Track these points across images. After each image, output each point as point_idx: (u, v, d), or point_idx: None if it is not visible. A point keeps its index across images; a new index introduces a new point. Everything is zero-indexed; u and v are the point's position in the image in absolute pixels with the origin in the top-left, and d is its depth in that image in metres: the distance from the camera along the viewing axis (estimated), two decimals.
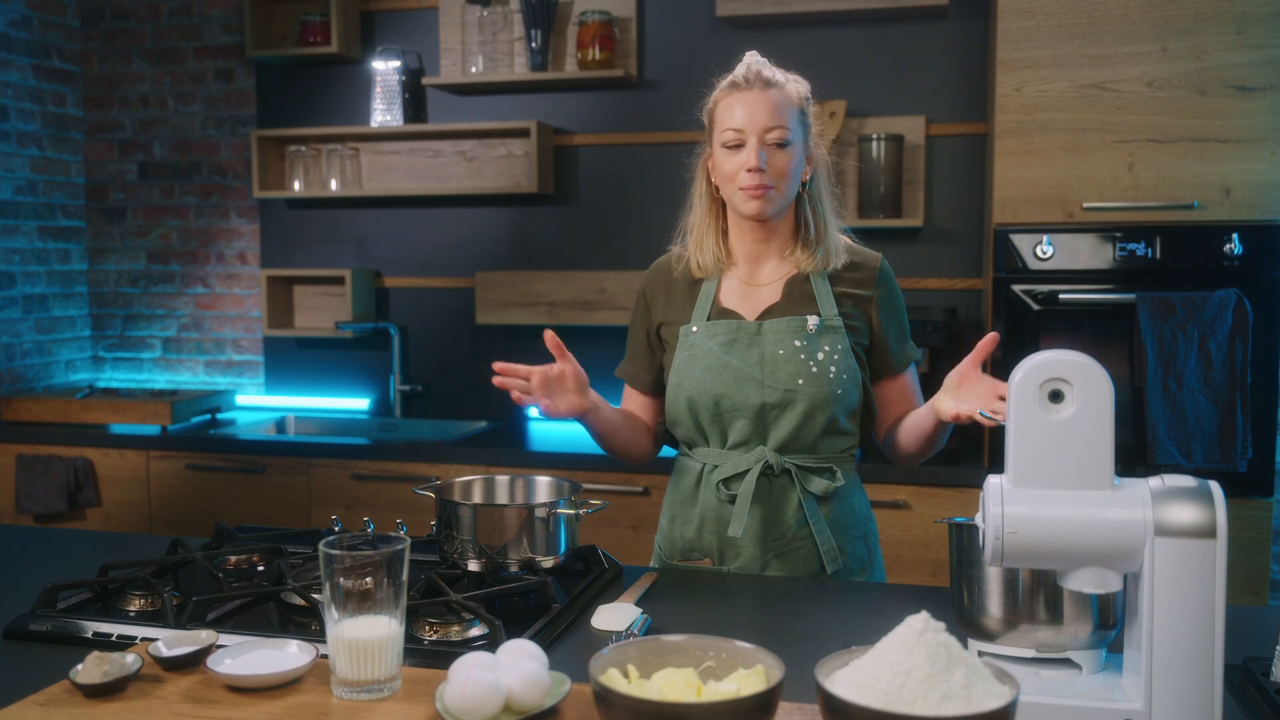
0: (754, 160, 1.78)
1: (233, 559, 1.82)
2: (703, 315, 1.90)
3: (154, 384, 4.29)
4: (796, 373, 1.82)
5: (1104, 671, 1.37)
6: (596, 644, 1.48)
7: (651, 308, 1.97)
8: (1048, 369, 1.25)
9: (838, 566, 1.85)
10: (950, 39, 3.46)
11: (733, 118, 1.81)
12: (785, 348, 1.83)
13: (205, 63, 4.14)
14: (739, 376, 1.83)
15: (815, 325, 1.84)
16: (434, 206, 3.95)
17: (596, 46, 3.61)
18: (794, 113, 1.82)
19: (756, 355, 1.84)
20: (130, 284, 4.30)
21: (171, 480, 3.54)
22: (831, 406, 1.83)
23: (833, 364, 1.82)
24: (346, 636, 1.11)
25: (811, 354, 1.82)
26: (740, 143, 1.80)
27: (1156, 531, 1.21)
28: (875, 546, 1.95)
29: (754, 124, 1.79)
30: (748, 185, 1.80)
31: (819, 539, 1.85)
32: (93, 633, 1.49)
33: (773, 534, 1.85)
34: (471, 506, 1.69)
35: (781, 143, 1.80)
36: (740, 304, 1.90)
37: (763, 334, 1.85)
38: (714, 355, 1.85)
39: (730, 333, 1.86)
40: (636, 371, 2.01)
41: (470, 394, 3.94)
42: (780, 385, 1.82)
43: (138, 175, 4.26)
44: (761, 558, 1.86)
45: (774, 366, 1.83)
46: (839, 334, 1.85)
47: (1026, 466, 1.25)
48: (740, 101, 1.81)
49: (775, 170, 1.80)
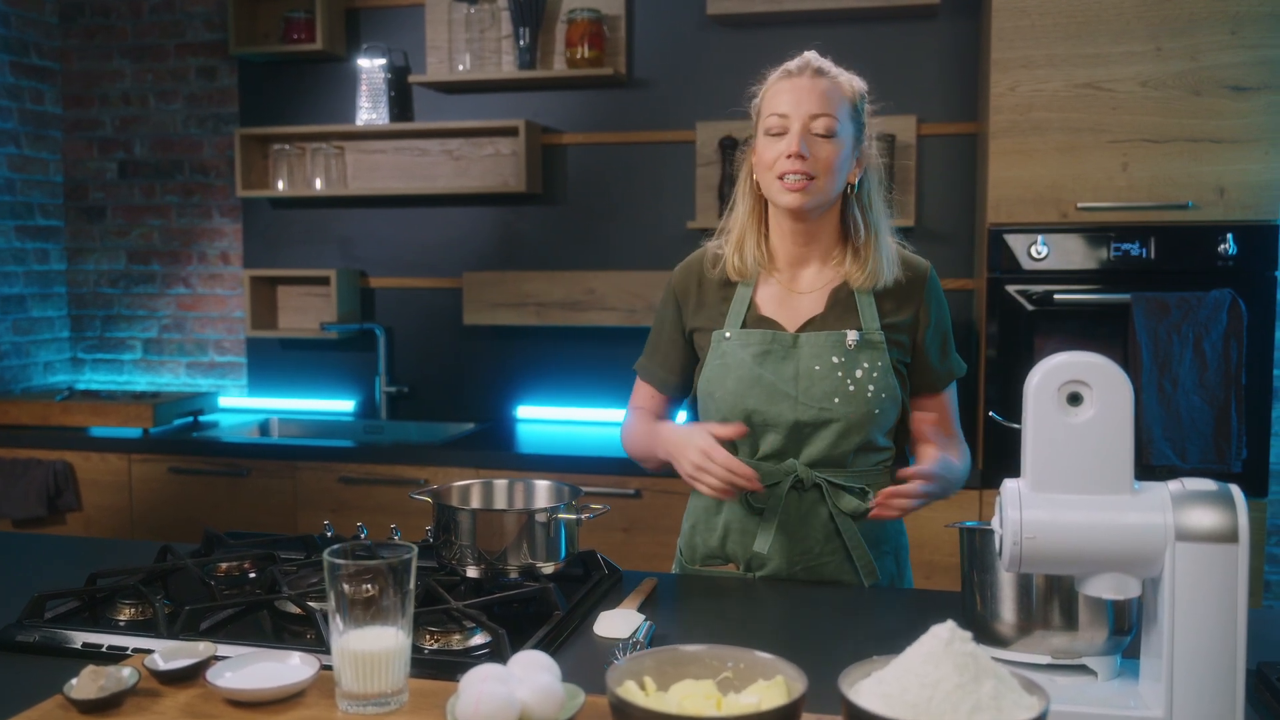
0: (795, 145, 1.68)
1: (223, 566, 1.78)
2: (737, 321, 1.80)
3: (134, 386, 4.22)
4: (832, 391, 1.73)
5: (1119, 678, 1.35)
6: (600, 651, 1.45)
7: (683, 309, 1.87)
8: (1066, 371, 1.23)
9: (875, 581, 1.80)
10: (941, 39, 3.44)
11: (779, 103, 1.72)
12: (822, 363, 1.74)
13: (187, 60, 4.08)
14: (772, 391, 1.75)
15: (855, 340, 1.74)
16: (420, 206, 3.90)
17: (585, 45, 3.57)
18: (845, 105, 1.73)
19: (791, 370, 1.75)
20: (110, 284, 4.23)
21: (154, 484, 3.48)
22: (868, 428, 1.75)
23: (871, 382, 1.74)
24: (352, 648, 1.08)
25: (850, 371, 1.74)
26: (784, 129, 1.70)
27: (1178, 536, 1.19)
28: (905, 561, 1.89)
29: (800, 110, 1.70)
30: (786, 171, 1.69)
31: (854, 554, 1.78)
32: (82, 643, 1.45)
33: (799, 548, 1.79)
34: (470, 511, 1.66)
35: (827, 133, 1.70)
36: (779, 312, 1.81)
37: (799, 347, 1.76)
38: (746, 366, 1.76)
39: (765, 343, 1.77)
40: (664, 375, 1.91)
41: (457, 395, 3.90)
42: (815, 403, 1.74)
43: (118, 174, 4.19)
44: (788, 570, 1.80)
45: (809, 383, 1.74)
46: (879, 350, 1.76)
47: (1045, 470, 1.23)
48: (788, 88, 1.72)
49: (818, 161, 1.69)
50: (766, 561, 1.80)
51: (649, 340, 1.94)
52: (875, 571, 1.80)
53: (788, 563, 1.80)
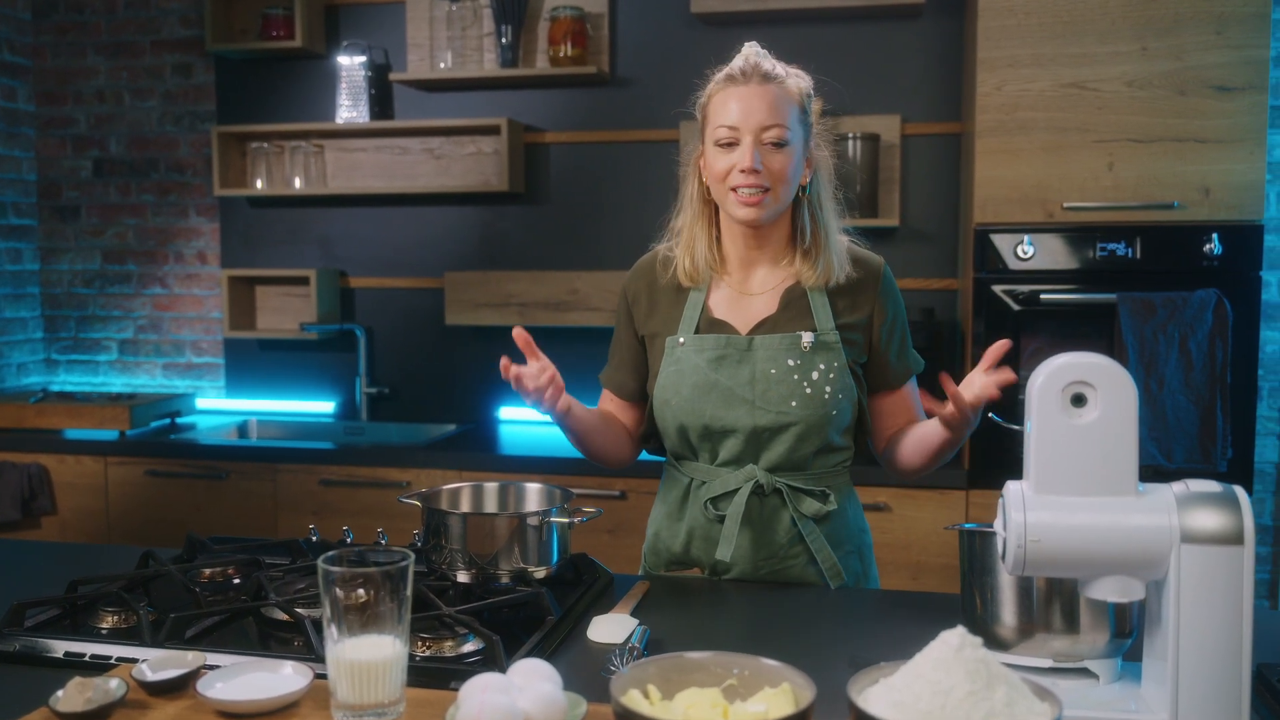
0: (748, 160, 1.67)
1: (207, 571, 1.74)
2: (690, 326, 1.79)
3: (110, 387, 4.16)
4: (789, 394, 1.72)
5: (1121, 681, 1.34)
6: (595, 657, 1.42)
7: (634, 313, 1.87)
8: (1070, 372, 1.21)
9: (840, 583, 1.80)
10: (925, 38, 3.44)
11: (727, 114, 1.70)
12: (778, 366, 1.73)
13: (163, 57, 4.02)
14: (728, 397, 1.74)
15: (810, 342, 1.74)
16: (401, 205, 3.86)
17: (568, 43, 3.55)
18: (794, 110, 1.72)
19: (747, 374, 1.74)
20: (85, 284, 4.17)
21: (131, 487, 3.42)
22: (826, 429, 1.75)
23: (827, 384, 1.73)
24: (348, 658, 1.05)
25: (805, 374, 1.73)
26: (734, 141, 1.69)
27: (1183, 538, 1.18)
28: (870, 559, 1.89)
29: (749, 121, 1.68)
30: (740, 185, 1.69)
31: (818, 556, 1.78)
32: (64, 653, 1.41)
33: (763, 552, 1.79)
34: (461, 515, 1.63)
35: (779, 142, 1.69)
36: (732, 314, 1.80)
37: (754, 350, 1.75)
38: (702, 372, 1.75)
39: (719, 348, 1.76)
40: (622, 379, 1.90)
41: (439, 396, 3.86)
42: (773, 407, 1.73)
43: (92, 172, 4.13)
44: (753, 574, 1.79)
45: (765, 386, 1.73)
46: (835, 351, 1.75)
47: (1048, 472, 1.21)
48: (736, 96, 1.70)
49: (771, 172, 1.69)
50: (731, 566, 1.79)
51: (612, 350, 1.93)
52: (840, 573, 1.79)
53: (753, 567, 1.79)
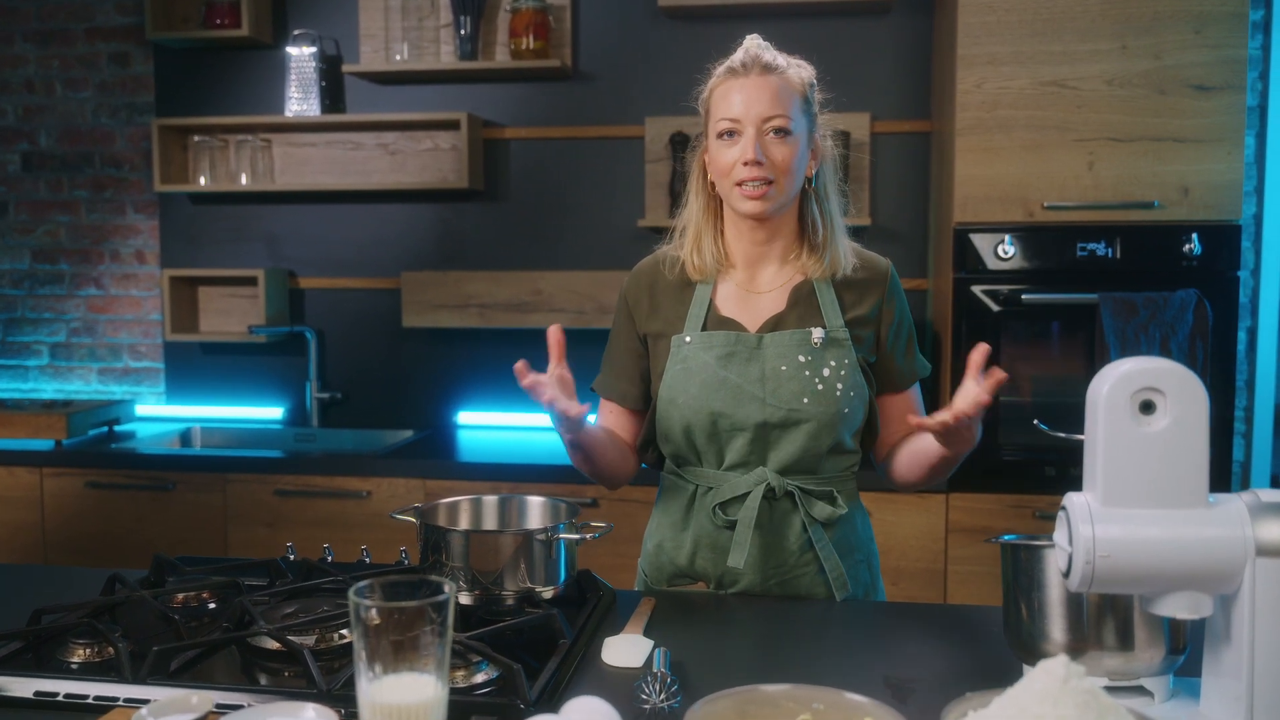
0: (751, 152, 1.63)
1: (180, 596, 1.61)
2: (697, 324, 1.74)
3: (41, 394, 3.94)
4: (800, 390, 1.67)
5: (1176, 699, 1.28)
6: (615, 683, 1.33)
7: (635, 316, 1.80)
8: (1139, 378, 1.15)
9: (846, 594, 1.73)
10: (895, 35, 3.40)
11: (729, 106, 1.66)
12: (788, 363, 1.68)
13: (98, 45, 3.82)
14: (738, 393, 1.68)
15: (820, 338, 1.69)
16: (354, 202, 3.71)
17: (530, 35, 3.43)
18: (797, 101, 1.67)
19: (757, 371, 1.69)
20: (13, 285, 3.94)
21: (68, 500, 3.23)
22: (838, 427, 1.69)
23: (839, 380, 1.68)
24: (385, 700, 0.94)
25: (817, 370, 1.68)
26: (737, 132, 1.65)
27: (1258, 551, 1.12)
28: (877, 571, 1.83)
29: (751, 112, 1.64)
30: (744, 179, 1.64)
31: (826, 565, 1.72)
32: (34, 692, 1.28)
33: (773, 561, 1.72)
34: (463, 532, 1.52)
35: (782, 132, 1.65)
36: (740, 312, 1.74)
37: (764, 347, 1.70)
38: (710, 369, 1.69)
39: (728, 345, 1.70)
40: (624, 388, 1.82)
41: (394, 402, 3.72)
42: (783, 404, 1.67)
43: (21, 167, 3.91)
44: (762, 585, 1.72)
45: (776, 383, 1.68)
46: (845, 348, 1.70)
47: (1116, 483, 1.15)
48: (737, 88, 1.66)
49: (775, 163, 1.64)
50: (740, 577, 1.72)
51: (605, 357, 1.86)
52: (847, 584, 1.74)
53: (762, 577, 1.72)
